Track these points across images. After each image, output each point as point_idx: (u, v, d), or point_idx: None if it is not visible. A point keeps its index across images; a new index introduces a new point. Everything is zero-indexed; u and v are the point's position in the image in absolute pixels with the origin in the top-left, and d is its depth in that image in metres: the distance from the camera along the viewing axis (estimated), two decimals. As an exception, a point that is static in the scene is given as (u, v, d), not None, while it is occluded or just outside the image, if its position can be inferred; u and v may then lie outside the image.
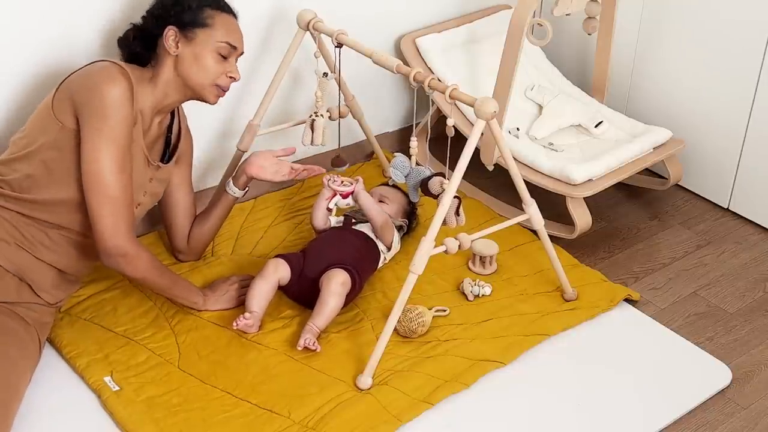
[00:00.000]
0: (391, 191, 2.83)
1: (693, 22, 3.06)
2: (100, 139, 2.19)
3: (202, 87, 2.37)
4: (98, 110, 2.19)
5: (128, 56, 2.39)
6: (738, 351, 2.57)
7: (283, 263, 2.54)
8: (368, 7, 3.09)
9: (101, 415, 2.26)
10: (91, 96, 2.20)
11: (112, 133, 2.20)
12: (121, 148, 2.22)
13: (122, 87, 2.21)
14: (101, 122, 2.19)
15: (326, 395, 2.30)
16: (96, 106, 2.19)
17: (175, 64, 2.35)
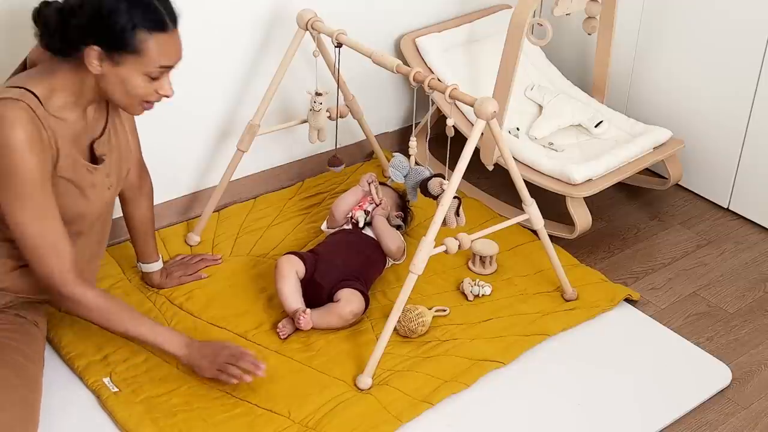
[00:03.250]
0: (382, 188, 2.83)
1: (693, 22, 3.06)
2: (9, 197, 2.06)
3: (126, 105, 2.15)
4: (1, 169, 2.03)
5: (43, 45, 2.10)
6: (738, 351, 2.57)
7: (296, 258, 2.55)
8: (368, 7, 3.09)
9: (101, 416, 2.25)
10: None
11: (22, 188, 2.04)
12: (33, 199, 2.06)
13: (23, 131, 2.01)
14: (6, 180, 2.04)
15: (326, 395, 2.30)
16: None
17: (96, 79, 2.10)
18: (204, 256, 2.75)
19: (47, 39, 2.08)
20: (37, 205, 2.08)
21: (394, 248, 2.67)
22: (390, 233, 2.69)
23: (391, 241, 2.67)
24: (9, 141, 2.01)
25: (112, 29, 2.02)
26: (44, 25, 2.06)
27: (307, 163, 3.18)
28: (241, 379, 2.25)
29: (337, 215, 2.76)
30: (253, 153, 2.88)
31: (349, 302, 2.49)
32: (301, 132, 3.04)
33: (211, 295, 2.61)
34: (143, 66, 2.07)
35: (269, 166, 3.11)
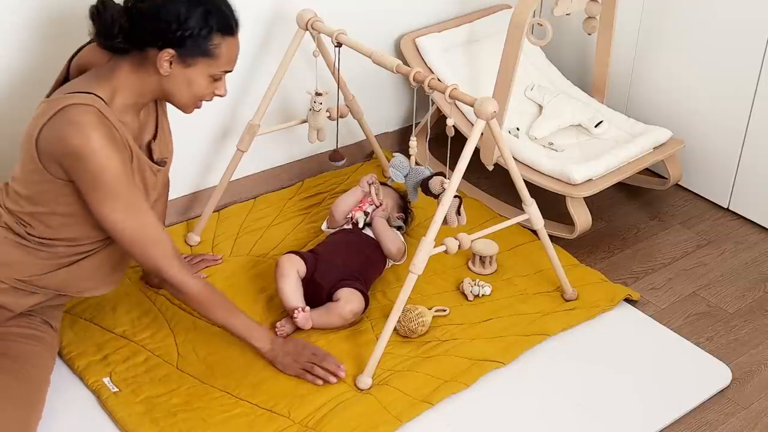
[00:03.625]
0: (383, 188, 2.83)
1: (693, 22, 3.06)
2: (100, 199, 2.09)
3: (184, 105, 2.22)
4: (88, 174, 2.06)
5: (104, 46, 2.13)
6: (738, 351, 2.57)
7: (297, 258, 2.55)
8: (368, 7, 3.09)
9: (100, 416, 2.26)
10: (72, 161, 2.05)
11: (111, 188, 2.08)
12: (122, 196, 2.11)
13: (100, 135, 2.04)
14: (96, 185, 2.08)
15: (326, 395, 2.30)
16: (84, 170, 2.06)
17: (160, 79, 2.14)
18: (204, 256, 2.75)
19: (109, 39, 2.09)
20: (128, 202, 2.12)
21: (394, 250, 2.67)
22: (390, 235, 2.68)
23: (391, 243, 2.67)
24: (89, 145, 2.03)
25: (191, 34, 2.08)
26: (105, 25, 2.07)
27: (307, 163, 3.18)
28: (326, 380, 2.33)
29: (337, 215, 2.76)
30: (253, 153, 2.88)
31: (349, 301, 2.49)
32: (301, 132, 3.04)
33: (211, 295, 2.61)
34: (212, 68, 2.15)
35: (269, 166, 3.11)
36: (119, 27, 2.06)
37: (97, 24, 2.08)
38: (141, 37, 2.08)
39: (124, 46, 2.10)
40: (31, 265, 2.20)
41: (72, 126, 2.04)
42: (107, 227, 2.15)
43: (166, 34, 2.07)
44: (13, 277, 2.18)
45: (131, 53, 2.12)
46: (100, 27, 2.08)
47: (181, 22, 2.06)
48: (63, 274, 2.24)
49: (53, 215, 2.16)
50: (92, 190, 2.09)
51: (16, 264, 2.18)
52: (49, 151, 2.08)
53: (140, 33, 2.08)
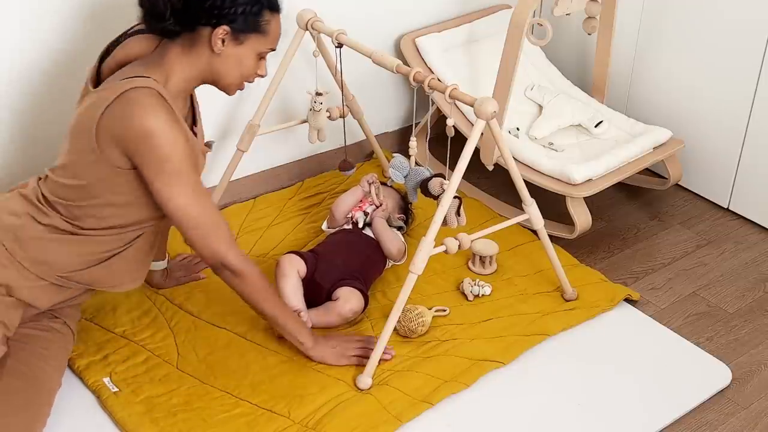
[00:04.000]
0: (385, 189, 2.83)
1: (693, 22, 3.06)
2: (166, 181, 2.09)
3: (231, 85, 2.23)
4: (155, 156, 2.06)
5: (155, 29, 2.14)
6: (738, 351, 2.57)
7: (297, 258, 2.55)
8: (368, 7, 3.09)
9: (101, 416, 2.26)
10: (140, 142, 2.05)
11: (178, 169, 2.08)
12: (189, 179, 2.11)
13: (164, 119, 2.06)
14: (160, 166, 2.07)
15: (326, 395, 2.30)
16: (151, 152, 2.06)
17: (211, 58, 2.15)
18: None
19: (161, 21, 2.09)
20: (193, 184, 2.13)
21: (394, 251, 2.67)
22: (389, 235, 2.68)
23: (391, 243, 2.67)
24: (157, 125, 2.04)
25: (243, 11, 2.10)
26: (157, 7, 2.08)
27: (307, 163, 3.18)
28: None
29: (337, 215, 2.76)
30: (253, 153, 2.89)
31: (348, 300, 2.49)
32: (301, 132, 3.04)
33: (210, 295, 2.61)
34: (261, 45, 2.19)
35: (269, 166, 3.11)
36: (171, 8, 2.07)
37: (147, 7, 2.10)
38: (194, 16, 2.09)
39: (175, 28, 2.11)
40: (74, 260, 2.19)
41: (139, 108, 2.04)
42: (171, 210, 2.13)
43: (221, 11, 2.09)
44: (54, 274, 2.18)
45: (181, 36, 2.13)
46: (151, 10, 2.10)
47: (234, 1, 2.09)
48: (101, 269, 2.23)
49: (106, 206, 2.15)
50: (159, 172, 2.08)
51: (59, 261, 2.17)
52: (111, 136, 2.07)
53: (193, 12, 2.09)
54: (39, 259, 2.16)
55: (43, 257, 2.16)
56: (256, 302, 2.28)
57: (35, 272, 2.16)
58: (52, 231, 2.16)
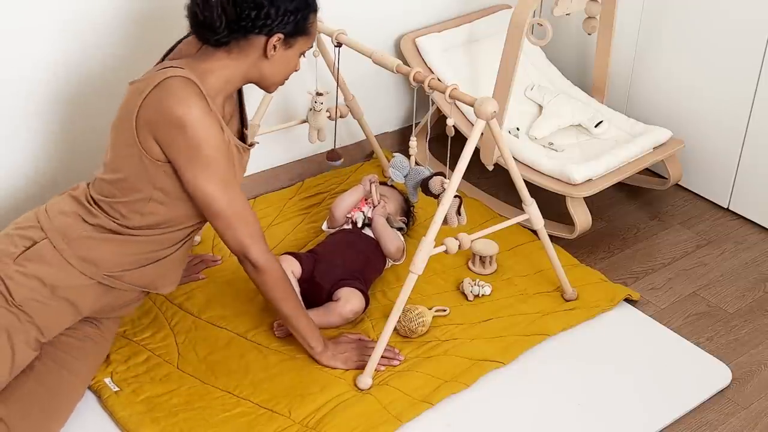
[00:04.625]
0: (389, 190, 2.83)
1: (693, 22, 3.06)
2: (197, 169, 2.11)
3: (275, 83, 2.27)
4: (187, 144, 2.08)
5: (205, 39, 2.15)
6: (738, 351, 2.57)
7: (292, 258, 2.56)
8: (368, 7, 3.09)
9: (101, 416, 2.26)
10: (172, 131, 2.07)
11: (208, 158, 2.10)
12: (219, 168, 2.12)
13: (199, 109, 2.07)
14: (192, 155, 2.09)
15: (327, 395, 2.30)
16: (184, 141, 2.08)
17: (259, 61, 2.18)
18: (204, 257, 2.75)
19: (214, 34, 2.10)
20: (224, 174, 2.14)
21: (393, 249, 2.67)
22: (389, 234, 2.69)
23: (390, 242, 2.67)
24: (191, 113, 2.06)
25: (297, 17, 2.15)
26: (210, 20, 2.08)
27: (307, 163, 3.18)
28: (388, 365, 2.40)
29: (337, 215, 2.77)
30: (253, 153, 2.87)
31: (349, 301, 2.49)
32: (301, 132, 3.04)
33: (210, 295, 2.61)
34: (306, 45, 2.24)
35: (269, 166, 3.11)
36: (225, 19, 2.09)
37: (198, 21, 2.11)
38: (247, 27, 2.11)
39: (227, 39, 2.13)
40: (122, 260, 2.19)
41: (173, 96, 2.07)
42: (201, 200, 2.15)
43: (274, 20, 2.12)
44: (102, 273, 2.18)
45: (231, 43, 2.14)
46: (203, 22, 2.10)
47: (288, 7, 2.13)
48: (150, 269, 2.24)
49: (148, 201, 2.16)
50: (190, 160, 2.10)
51: (106, 260, 2.18)
52: (148, 124, 2.09)
53: (247, 23, 2.11)
54: (87, 258, 2.16)
55: (90, 256, 2.17)
56: (275, 299, 2.30)
57: (82, 270, 2.16)
58: (99, 231, 2.18)
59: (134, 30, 2.63)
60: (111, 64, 2.63)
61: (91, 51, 2.59)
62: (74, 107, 2.63)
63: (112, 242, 2.18)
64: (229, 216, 2.18)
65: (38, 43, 2.51)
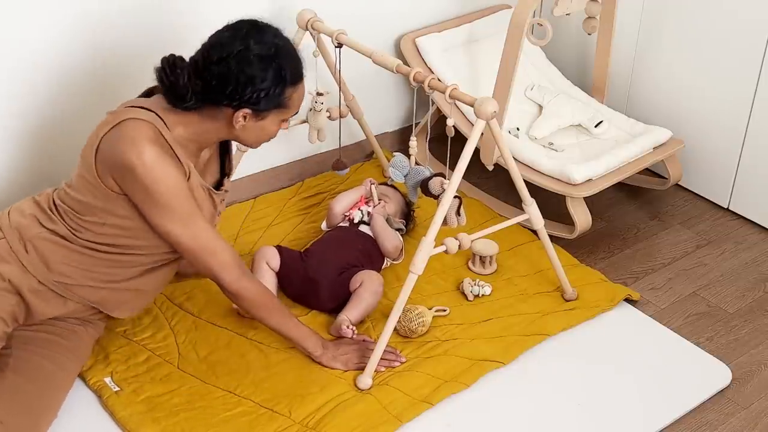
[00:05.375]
0: (390, 190, 2.84)
1: (693, 22, 3.06)
2: (155, 210, 2.12)
3: (252, 145, 2.28)
4: (140, 186, 2.08)
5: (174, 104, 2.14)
6: (738, 351, 2.57)
7: (272, 250, 2.58)
8: (368, 7, 3.09)
9: (102, 415, 2.26)
10: (125, 173, 2.07)
11: (160, 199, 2.10)
12: (177, 207, 2.12)
13: (152, 150, 2.06)
14: (145, 197, 2.10)
15: (327, 395, 2.30)
16: (133, 183, 2.08)
17: (231, 127, 2.18)
18: None
19: (181, 101, 2.12)
20: (182, 212, 2.13)
21: (390, 248, 2.67)
22: (387, 233, 2.69)
23: (388, 240, 2.67)
24: (141, 158, 2.05)
25: (266, 94, 2.12)
26: (176, 89, 2.10)
27: (307, 163, 3.18)
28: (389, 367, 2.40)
29: (335, 212, 2.77)
30: (253, 153, 2.88)
31: (371, 277, 2.52)
32: (301, 132, 3.03)
33: (210, 295, 2.61)
34: (284, 115, 2.21)
35: (269, 166, 3.11)
36: (191, 90, 2.10)
37: (167, 86, 2.12)
38: (214, 97, 2.12)
39: (195, 106, 2.14)
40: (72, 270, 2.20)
41: (126, 139, 2.07)
42: (164, 237, 2.18)
43: (242, 96, 2.10)
44: (52, 279, 2.19)
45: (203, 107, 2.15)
46: (171, 90, 2.12)
47: (257, 85, 2.10)
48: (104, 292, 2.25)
49: (103, 225, 2.18)
50: (145, 201, 2.12)
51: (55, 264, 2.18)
52: (105, 163, 2.11)
53: (213, 95, 2.11)
54: (39, 259, 2.17)
55: (43, 258, 2.17)
56: (259, 318, 2.33)
57: (34, 273, 2.17)
58: (53, 235, 2.19)
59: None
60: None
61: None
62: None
63: (64, 249, 2.19)
64: (195, 250, 2.19)
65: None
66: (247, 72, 2.09)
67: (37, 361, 2.18)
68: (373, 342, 2.42)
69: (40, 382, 2.15)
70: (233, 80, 2.09)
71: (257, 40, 2.12)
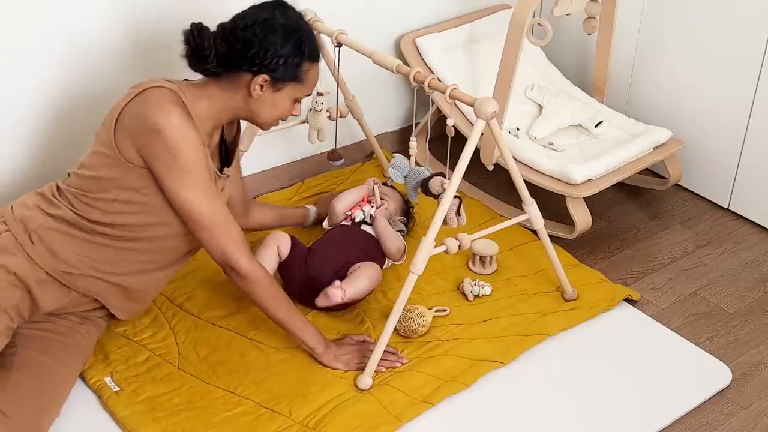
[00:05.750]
0: (390, 191, 2.84)
1: (693, 22, 3.06)
2: (177, 176, 2.14)
3: (265, 124, 2.33)
4: (164, 152, 2.12)
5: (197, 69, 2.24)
6: (738, 351, 2.57)
7: (284, 234, 2.59)
8: (368, 7, 3.09)
9: (102, 415, 2.26)
10: (151, 138, 2.11)
11: (185, 165, 2.13)
12: (199, 175, 2.16)
13: (178, 118, 2.12)
14: (170, 161, 2.13)
15: (327, 395, 2.30)
16: (160, 149, 2.12)
17: (248, 98, 2.25)
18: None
19: (203, 63, 2.20)
20: (204, 181, 2.17)
21: (393, 249, 2.67)
22: (390, 234, 2.69)
23: (392, 242, 2.67)
24: (169, 120, 2.11)
25: (285, 62, 2.21)
26: (201, 50, 2.18)
27: (307, 163, 3.18)
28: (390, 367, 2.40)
29: (337, 211, 2.76)
30: (253, 153, 2.89)
31: (369, 265, 2.53)
32: (301, 132, 3.04)
33: (211, 295, 2.61)
34: (297, 92, 2.28)
35: (269, 166, 3.11)
36: (215, 52, 2.18)
37: (191, 48, 2.19)
38: (236, 62, 2.20)
39: (216, 70, 2.21)
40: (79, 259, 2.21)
41: (153, 103, 2.13)
42: (180, 205, 2.17)
43: (263, 61, 2.19)
44: (59, 269, 2.20)
45: (222, 75, 2.22)
46: (194, 51, 2.19)
47: (278, 51, 2.19)
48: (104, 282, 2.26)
49: (114, 202, 2.19)
50: (168, 168, 2.13)
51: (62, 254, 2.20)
52: (126, 131, 2.14)
53: (236, 58, 2.20)
54: (46, 249, 2.18)
55: (49, 248, 2.19)
56: (264, 307, 2.31)
57: (42, 265, 2.18)
58: (58, 221, 2.20)
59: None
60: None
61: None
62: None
63: (69, 236, 2.20)
64: (210, 224, 2.20)
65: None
66: (271, 38, 2.19)
67: (38, 357, 2.18)
68: (374, 342, 2.42)
69: (42, 379, 2.15)
70: (256, 44, 2.18)
71: (282, 12, 2.24)
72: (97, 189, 2.19)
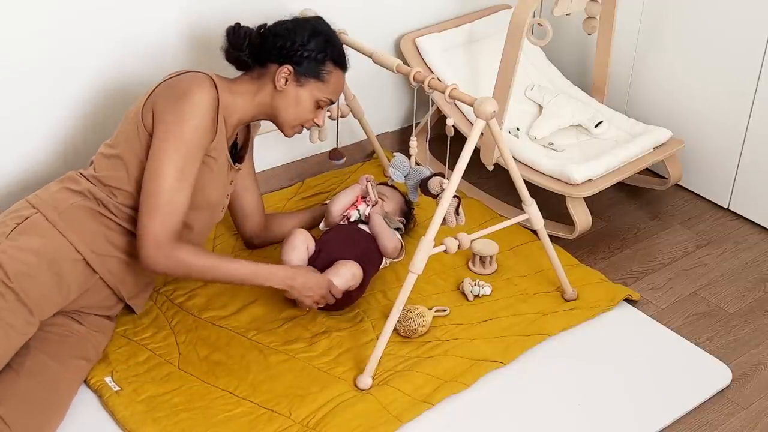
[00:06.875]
0: (390, 190, 2.83)
1: (693, 22, 3.06)
2: (168, 140, 2.20)
3: (287, 123, 2.42)
4: (175, 112, 2.21)
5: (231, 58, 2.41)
6: (738, 351, 2.57)
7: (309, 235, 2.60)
8: (368, 7, 3.09)
9: (102, 415, 2.26)
10: (174, 99, 2.22)
11: (183, 137, 2.20)
12: (187, 156, 2.21)
13: (207, 96, 2.24)
14: (175, 124, 2.20)
15: (327, 395, 2.30)
16: (175, 108, 2.21)
17: (273, 94, 2.38)
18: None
19: (236, 50, 2.38)
20: (185, 164, 2.22)
21: (389, 247, 2.67)
22: (386, 232, 2.68)
23: (387, 239, 2.67)
24: (196, 94, 2.22)
25: (309, 56, 2.36)
26: (237, 39, 2.37)
27: (307, 163, 3.18)
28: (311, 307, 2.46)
29: (334, 212, 2.76)
30: (254, 153, 2.88)
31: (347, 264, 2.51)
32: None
33: (211, 295, 2.61)
34: (319, 93, 2.40)
35: (269, 166, 3.11)
36: (249, 42, 2.37)
37: (230, 37, 2.39)
38: (266, 52, 2.37)
39: (247, 60, 2.38)
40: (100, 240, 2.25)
41: (191, 78, 2.26)
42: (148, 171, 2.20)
43: (289, 52, 2.35)
44: (87, 247, 2.23)
45: (252, 69, 2.39)
46: (232, 40, 2.39)
47: (304, 43, 2.36)
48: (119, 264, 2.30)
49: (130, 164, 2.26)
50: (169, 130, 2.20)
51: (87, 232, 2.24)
52: (157, 97, 2.24)
53: (266, 48, 2.37)
54: (76, 228, 2.22)
55: (80, 227, 2.23)
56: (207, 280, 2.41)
57: (72, 242, 2.21)
58: (84, 199, 2.26)
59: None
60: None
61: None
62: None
63: (90, 214, 2.25)
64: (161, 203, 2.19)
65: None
66: (299, 33, 2.36)
67: (44, 360, 2.18)
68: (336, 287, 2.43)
69: (47, 383, 2.15)
70: (285, 36, 2.36)
71: (318, 20, 2.47)
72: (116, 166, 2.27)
